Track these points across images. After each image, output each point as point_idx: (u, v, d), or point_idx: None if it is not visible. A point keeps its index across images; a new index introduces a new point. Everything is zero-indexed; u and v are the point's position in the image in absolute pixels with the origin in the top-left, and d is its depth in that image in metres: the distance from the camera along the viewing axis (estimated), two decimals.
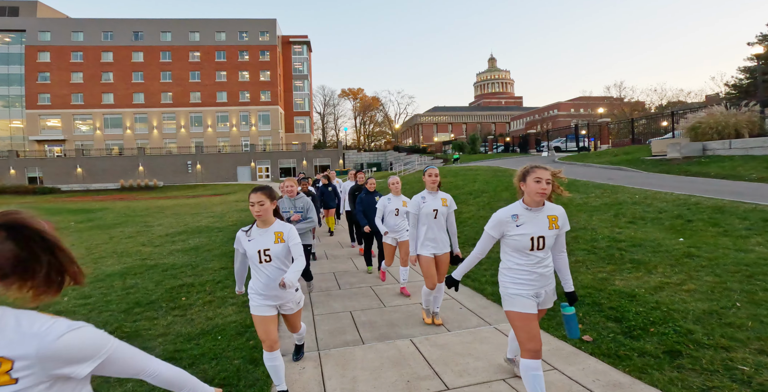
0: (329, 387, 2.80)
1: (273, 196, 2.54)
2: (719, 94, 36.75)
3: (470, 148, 40.26)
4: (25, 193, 38.08)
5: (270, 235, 2.53)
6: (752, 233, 5.21)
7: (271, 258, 2.53)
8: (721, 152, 12.39)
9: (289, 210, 4.45)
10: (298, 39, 58.12)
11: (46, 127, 49.80)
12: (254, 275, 2.61)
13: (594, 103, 57.62)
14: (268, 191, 2.50)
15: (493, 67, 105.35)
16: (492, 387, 2.71)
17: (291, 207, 4.46)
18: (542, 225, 2.27)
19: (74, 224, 15.07)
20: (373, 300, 4.72)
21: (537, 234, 2.25)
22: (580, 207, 7.94)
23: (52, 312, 3.62)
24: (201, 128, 52.10)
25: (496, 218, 2.33)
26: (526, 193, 2.28)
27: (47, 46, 49.23)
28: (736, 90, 31.29)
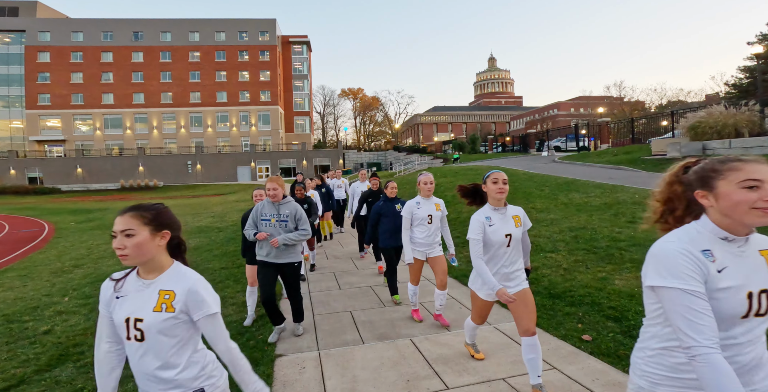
0: (329, 387, 2.81)
1: None
2: (719, 94, 36.75)
3: (470, 147, 40.29)
4: (25, 194, 38.11)
5: None
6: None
7: None
8: (720, 151, 12.39)
9: (270, 219, 3.55)
10: (298, 39, 58.13)
11: (46, 128, 49.82)
12: None
13: (594, 103, 57.62)
14: None
15: (493, 67, 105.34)
16: (492, 387, 2.72)
17: (274, 214, 3.55)
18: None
19: (74, 224, 15.10)
20: (373, 299, 4.73)
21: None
22: (580, 206, 7.95)
23: (52, 311, 3.62)
24: (201, 128, 52.11)
25: None
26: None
27: (47, 47, 49.23)
28: (736, 89, 31.26)
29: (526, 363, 2.54)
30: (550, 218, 7.43)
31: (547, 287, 4.49)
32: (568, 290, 4.30)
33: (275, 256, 3.53)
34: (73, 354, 3.49)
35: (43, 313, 4.71)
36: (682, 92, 46.51)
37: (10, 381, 3.04)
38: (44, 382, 3.00)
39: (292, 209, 3.61)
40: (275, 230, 3.54)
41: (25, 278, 6.86)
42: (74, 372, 3.14)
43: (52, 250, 9.81)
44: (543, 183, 11.13)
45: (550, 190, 9.95)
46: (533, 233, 6.68)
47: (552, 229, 6.70)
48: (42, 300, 5.28)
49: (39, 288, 6.07)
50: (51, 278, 6.69)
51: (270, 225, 3.54)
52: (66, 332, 4.02)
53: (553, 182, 11.06)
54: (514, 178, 12.97)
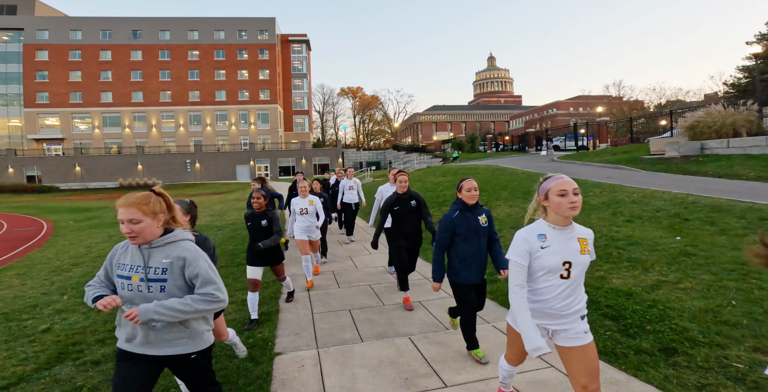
0: (328, 385, 2.82)
1: None
2: (718, 93, 36.81)
3: (469, 146, 40.29)
4: (24, 192, 38.04)
5: None
6: (749, 232, 5.24)
7: None
8: (719, 151, 12.43)
9: (129, 274, 1.87)
10: (297, 38, 58.03)
11: (45, 126, 49.69)
12: None
13: (593, 102, 57.63)
14: None
15: (493, 66, 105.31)
16: (489, 385, 2.73)
17: (137, 266, 1.91)
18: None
19: (73, 223, 15.08)
20: (372, 298, 4.74)
21: None
22: None
23: (51, 310, 3.63)
24: (200, 127, 52.02)
25: None
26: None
27: (45, 45, 49.07)
28: (735, 89, 31.32)
29: None
30: None
31: None
32: None
33: (145, 343, 1.79)
34: (73, 352, 3.49)
35: (42, 312, 4.72)
36: (681, 92, 46.57)
37: (9, 379, 3.04)
38: (44, 380, 3.01)
39: (269, 217, 3.02)
40: (136, 295, 1.78)
41: (24, 276, 6.85)
42: (74, 371, 3.14)
43: (50, 249, 9.80)
44: None
45: None
46: None
47: None
48: (41, 299, 5.28)
49: (38, 286, 6.07)
50: (50, 276, 6.69)
51: (128, 285, 1.79)
52: (65, 330, 4.02)
53: None
54: (512, 177, 12.99)
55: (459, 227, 2.95)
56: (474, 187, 3.00)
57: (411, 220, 4.31)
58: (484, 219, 3.02)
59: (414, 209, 4.27)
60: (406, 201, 4.27)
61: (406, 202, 4.27)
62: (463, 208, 2.98)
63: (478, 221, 2.98)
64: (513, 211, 8.57)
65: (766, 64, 27.61)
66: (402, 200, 4.26)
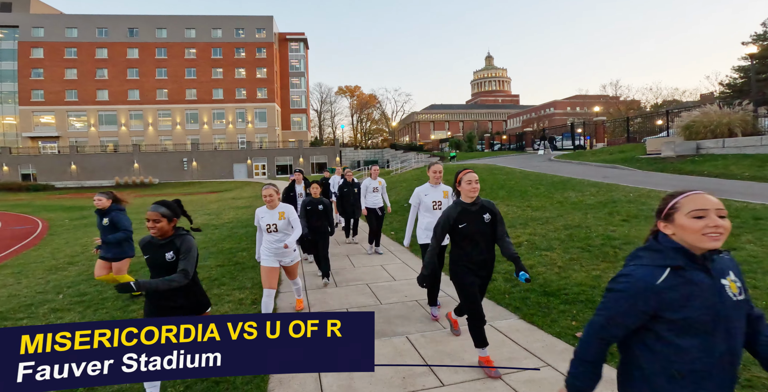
0: (326, 384, 2.82)
1: None
2: (714, 93, 37.01)
3: (467, 145, 40.34)
4: (18, 190, 37.76)
5: None
6: (743, 231, 5.27)
7: None
8: (714, 151, 12.49)
9: None
10: (295, 36, 57.84)
11: (40, 124, 49.35)
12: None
13: (590, 102, 57.78)
14: None
15: (490, 65, 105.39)
16: (487, 383, 2.74)
17: None
18: None
19: (68, 221, 14.99)
20: (369, 297, 4.74)
21: None
22: (576, 205, 8.00)
23: (46, 309, 3.61)
24: (197, 125, 51.81)
25: None
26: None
27: (41, 42, 48.69)
28: (731, 89, 31.52)
29: None
30: (546, 216, 7.47)
31: (542, 285, 4.52)
32: (563, 288, 4.34)
33: None
34: None
35: (38, 311, 4.69)
36: (677, 91, 46.84)
37: None
38: None
39: None
40: None
41: (19, 275, 6.81)
42: None
43: (46, 247, 9.74)
44: (539, 181, 11.18)
45: (545, 189, 10.00)
46: (529, 231, 6.72)
47: (547, 228, 6.74)
48: (36, 298, 5.25)
49: (33, 285, 6.04)
50: (45, 275, 6.65)
51: None
52: None
53: (548, 180, 11.11)
54: (510, 176, 13.02)
55: None
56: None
57: (484, 243, 2.85)
58: None
59: (488, 226, 2.83)
60: (477, 214, 2.81)
61: (477, 217, 2.81)
62: None
63: None
64: (510, 210, 8.59)
65: (762, 65, 27.79)
66: (470, 213, 2.81)
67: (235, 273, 5.80)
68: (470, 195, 2.82)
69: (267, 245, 3.90)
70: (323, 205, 5.22)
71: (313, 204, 5.21)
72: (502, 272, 5.13)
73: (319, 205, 5.20)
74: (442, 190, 3.95)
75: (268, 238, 3.89)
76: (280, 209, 3.86)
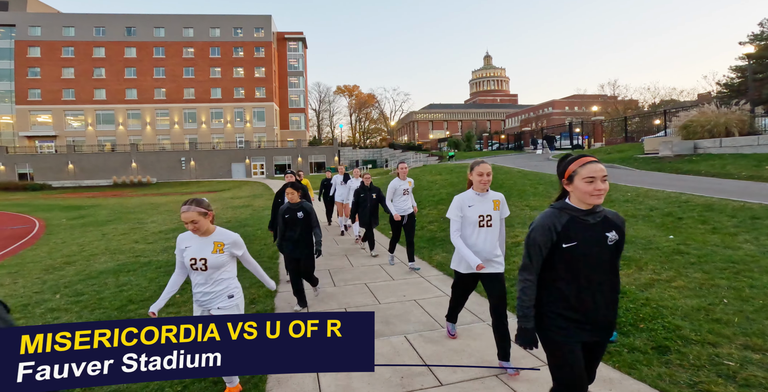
0: (324, 384, 2.82)
1: None
2: (711, 93, 37.15)
3: (465, 145, 40.36)
4: (15, 190, 37.60)
5: None
6: (740, 230, 5.29)
7: None
8: (711, 150, 12.54)
9: None
10: (294, 35, 57.74)
11: (37, 123, 49.15)
12: None
13: (588, 101, 57.94)
14: None
15: (489, 65, 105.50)
16: (485, 383, 2.75)
17: None
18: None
19: (66, 221, 14.94)
20: (367, 297, 4.74)
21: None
22: None
23: (43, 309, 3.60)
24: (195, 124, 51.69)
25: None
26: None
27: (37, 41, 48.48)
28: (728, 89, 31.61)
29: None
30: None
31: None
32: None
33: None
34: None
35: (34, 311, 4.67)
36: (675, 91, 47.02)
37: None
38: None
39: None
40: None
41: (16, 275, 6.78)
42: None
43: (43, 247, 9.70)
44: (537, 181, 11.20)
45: (544, 188, 10.02)
46: (526, 231, 6.73)
47: None
48: (33, 298, 5.23)
49: (30, 285, 6.01)
50: (42, 275, 6.62)
51: None
52: None
53: (547, 180, 11.13)
54: (508, 176, 13.03)
55: None
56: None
57: (605, 271, 1.80)
58: None
59: (614, 249, 1.83)
60: (602, 228, 1.79)
61: (598, 230, 1.78)
62: None
63: None
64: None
65: (759, 65, 27.89)
66: (589, 227, 1.77)
67: None
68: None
69: (199, 288, 2.55)
70: (304, 212, 4.22)
71: (291, 212, 4.22)
72: None
73: (298, 212, 4.20)
74: (492, 200, 3.03)
75: (197, 277, 2.54)
76: (218, 237, 2.52)
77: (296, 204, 4.27)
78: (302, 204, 4.28)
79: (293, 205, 4.27)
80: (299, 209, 4.25)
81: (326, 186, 9.70)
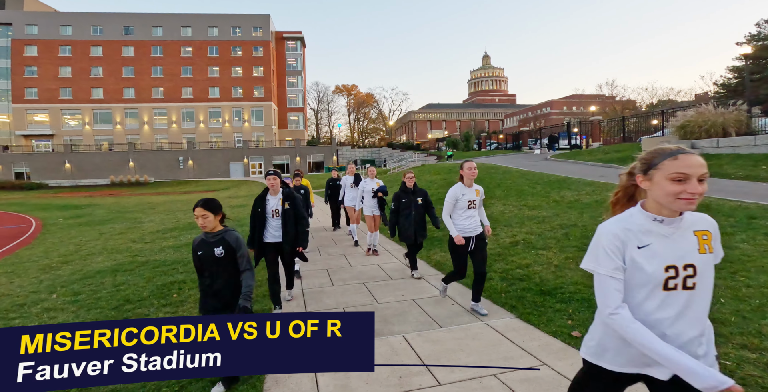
0: (322, 383, 2.82)
1: None
2: (708, 93, 37.31)
3: (464, 145, 40.42)
4: (12, 189, 37.42)
5: None
6: (737, 230, 5.32)
7: None
8: (709, 150, 12.58)
9: None
10: (292, 35, 57.66)
11: (34, 122, 48.92)
12: None
13: (586, 101, 58.09)
14: None
15: (487, 65, 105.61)
16: (483, 383, 2.75)
17: None
18: None
19: (63, 220, 14.88)
20: (366, 296, 4.74)
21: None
22: (571, 204, 8.03)
23: (39, 308, 3.58)
24: (193, 124, 51.56)
25: None
26: None
27: (34, 40, 48.24)
28: (725, 89, 31.78)
29: None
30: (542, 215, 7.50)
31: (538, 284, 4.54)
32: (559, 287, 4.36)
33: None
34: None
35: (31, 310, 4.65)
36: (673, 91, 47.23)
37: None
38: None
39: None
40: None
41: (12, 275, 6.75)
42: None
43: (39, 246, 9.66)
44: (535, 180, 11.22)
45: (542, 188, 10.04)
46: (525, 230, 6.74)
47: (543, 227, 6.77)
48: (29, 297, 5.21)
49: (26, 284, 5.98)
50: (38, 274, 6.60)
51: None
52: None
53: (545, 180, 11.15)
54: (507, 175, 13.05)
55: None
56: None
57: None
58: None
59: None
60: None
61: None
62: None
63: None
64: (506, 209, 8.61)
65: (756, 65, 28.01)
66: None
67: None
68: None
69: None
70: (225, 246, 2.70)
71: (206, 248, 2.73)
72: (499, 271, 5.14)
73: (216, 248, 2.69)
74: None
75: None
76: None
77: (216, 234, 2.69)
78: (225, 235, 2.71)
79: (210, 236, 2.70)
80: (219, 242, 2.68)
81: (332, 187, 8.91)
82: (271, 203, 4.22)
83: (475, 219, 3.99)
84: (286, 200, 4.21)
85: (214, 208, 2.67)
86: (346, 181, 7.99)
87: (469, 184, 3.96)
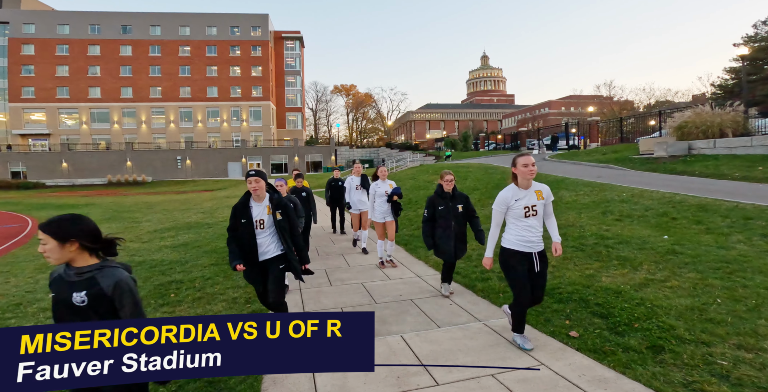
0: (320, 383, 2.82)
1: None
2: (705, 94, 37.48)
3: (462, 145, 40.48)
4: (8, 188, 37.25)
5: None
6: (733, 231, 5.34)
7: None
8: (706, 151, 12.64)
9: None
10: (291, 34, 57.63)
11: (30, 121, 48.72)
12: None
13: (584, 102, 58.25)
14: None
15: (486, 65, 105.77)
16: (481, 382, 2.75)
17: None
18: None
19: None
20: (364, 296, 4.74)
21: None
22: (569, 204, 8.05)
23: (35, 308, 3.58)
24: (191, 123, 51.45)
25: None
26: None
27: (32, 39, 48.06)
28: (722, 90, 31.93)
29: None
30: None
31: None
32: (556, 287, 4.37)
33: None
34: None
35: (27, 310, 4.63)
36: (670, 92, 47.45)
37: None
38: None
39: None
40: None
41: (8, 274, 6.72)
42: None
43: (35, 246, 9.59)
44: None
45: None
46: None
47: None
48: (25, 297, 5.18)
49: (22, 284, 5.96)
50: (34, 274, 6.57)
51: None
52: None
53: (543, 180, 11.16)
54: (505, 175, 13.07)
55: None
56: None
57: None
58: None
59: None
60: None
61: None
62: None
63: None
64: None
65: (753, 66, 28.16)
66: None
67: (228, 272, 5.76)
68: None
69: None
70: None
71: None
72: (497, 271, 5.15)
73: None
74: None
75: None
76: None
77: (81, 271, 1.80)
78: (97, 275, 1.82)
79: (73, 272, 1.82)
80: (84, 283, 1.77)
81: (333, 188, 8.35)
82: (255, 212, 3.32)
83: (536, 230, 3.10)
84: (276, 209, 3.35)
85: (60, 233, 1.66)
86: (352, 182, 7.04)
87: (525, 185, 3.08)
